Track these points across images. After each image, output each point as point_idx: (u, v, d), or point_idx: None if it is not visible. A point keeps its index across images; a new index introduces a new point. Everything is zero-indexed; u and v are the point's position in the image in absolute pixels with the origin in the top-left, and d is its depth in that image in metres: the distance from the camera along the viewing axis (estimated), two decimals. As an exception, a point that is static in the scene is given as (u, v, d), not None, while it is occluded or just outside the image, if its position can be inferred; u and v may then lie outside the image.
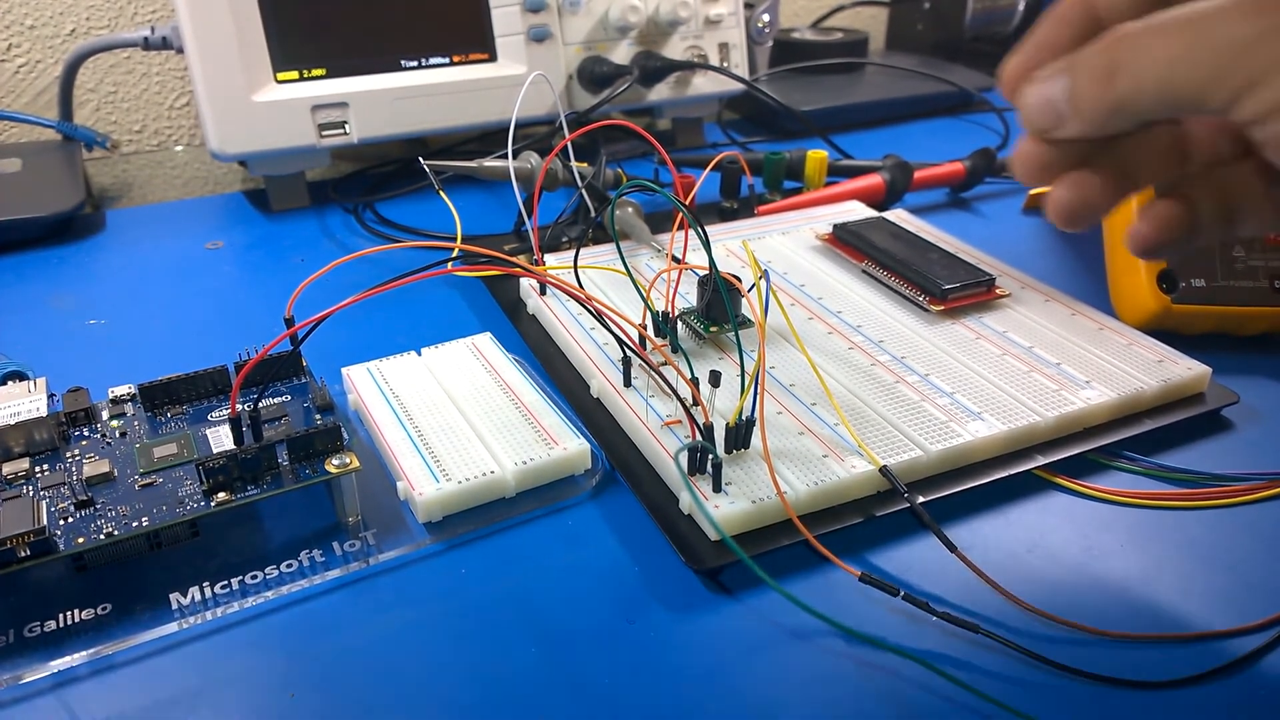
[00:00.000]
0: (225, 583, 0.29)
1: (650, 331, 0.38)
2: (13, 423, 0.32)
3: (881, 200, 0.57)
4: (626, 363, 0.37)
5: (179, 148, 0.73)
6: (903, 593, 0.29)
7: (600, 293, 0.44)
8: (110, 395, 0.34)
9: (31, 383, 0.35)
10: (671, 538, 0.31)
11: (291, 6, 0.53)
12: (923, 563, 0.31)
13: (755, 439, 0.33)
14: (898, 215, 0.52)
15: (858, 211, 0.54)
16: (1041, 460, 0.35)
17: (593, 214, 0.50)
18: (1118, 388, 0.37)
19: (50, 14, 0.66)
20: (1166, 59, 0.22)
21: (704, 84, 0.66)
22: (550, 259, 0.46)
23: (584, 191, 0.50)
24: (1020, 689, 0.27)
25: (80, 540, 0.28)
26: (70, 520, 0.29)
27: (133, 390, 0.35)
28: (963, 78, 0.80)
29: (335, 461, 0.31)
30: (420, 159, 0.48)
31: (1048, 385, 0.37)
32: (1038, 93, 0.24)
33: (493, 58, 0.59)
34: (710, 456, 0.31)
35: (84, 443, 0.32)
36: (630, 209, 0.50)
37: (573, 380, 0.39)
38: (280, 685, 0.26)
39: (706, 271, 0.39)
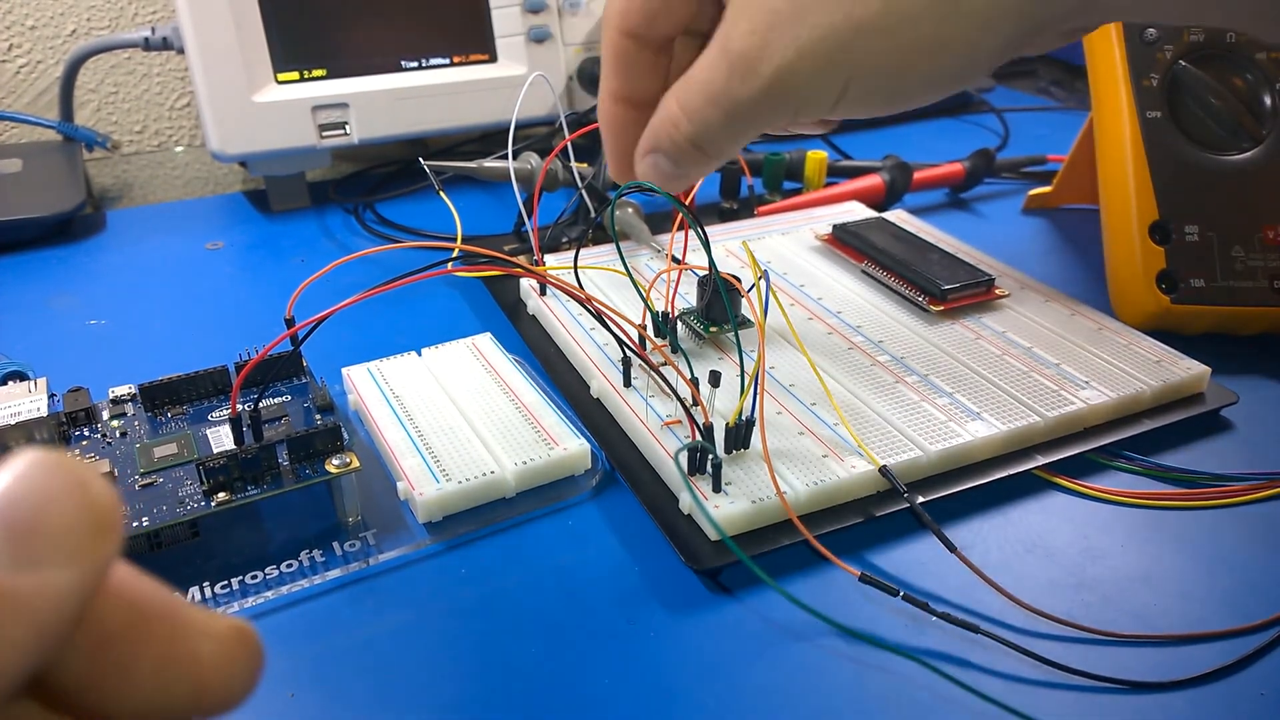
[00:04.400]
0: (225, 583, 0.29)
1: (650, 332, 0.38)
2: (13, 423, 0.32)
3: (881, 201, 0.57)
4: (626, 363, 0.37)
5: (179, 148, 0.73)
6: (902, 593, 0.29)
7: (600, 293, 0.44)
8: (110, 395, 0.34)
9: (32, 383, 0.35)
10: (671, 538, 0.31)
11: (292, 7, 0.53)
12: (922, 563, 0.31)
13: (755, 439, 0.33)
14: (897, 216, 0.52)
15: (857, 212, 0.54)
16: (1041, 460, 0.35)
17: (593, 214, 0.50)
18: (1117, 388, 0.37)
19: (51, 14, 0.66)
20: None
21: (704, 84, 0.65)
22: (550, 259, 0.46)
23: (584, 192, 0.50)
24: (1020, 689, 0.27)
25: (80, 540, 0.28)
26: (70, 520, 0.29)
27: (133, 390, 0.35)
28: (962, 78, 0.80)
29: (335, 461, 0.31)
30: (420, 159, 0.48)
31: (1047, 385, 0.37)
32: (651, 171, 0.27)
33: (493, 58, 0.59)
34: (710, 456, 0.31)
35: (84, 443, 0.32)
36: (630, 209, 0.50)
37: (573, 380, 0.39)
38: (280, 685, 0.26)
39: (706, 272, 0.39)
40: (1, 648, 0.11)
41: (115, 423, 0.33)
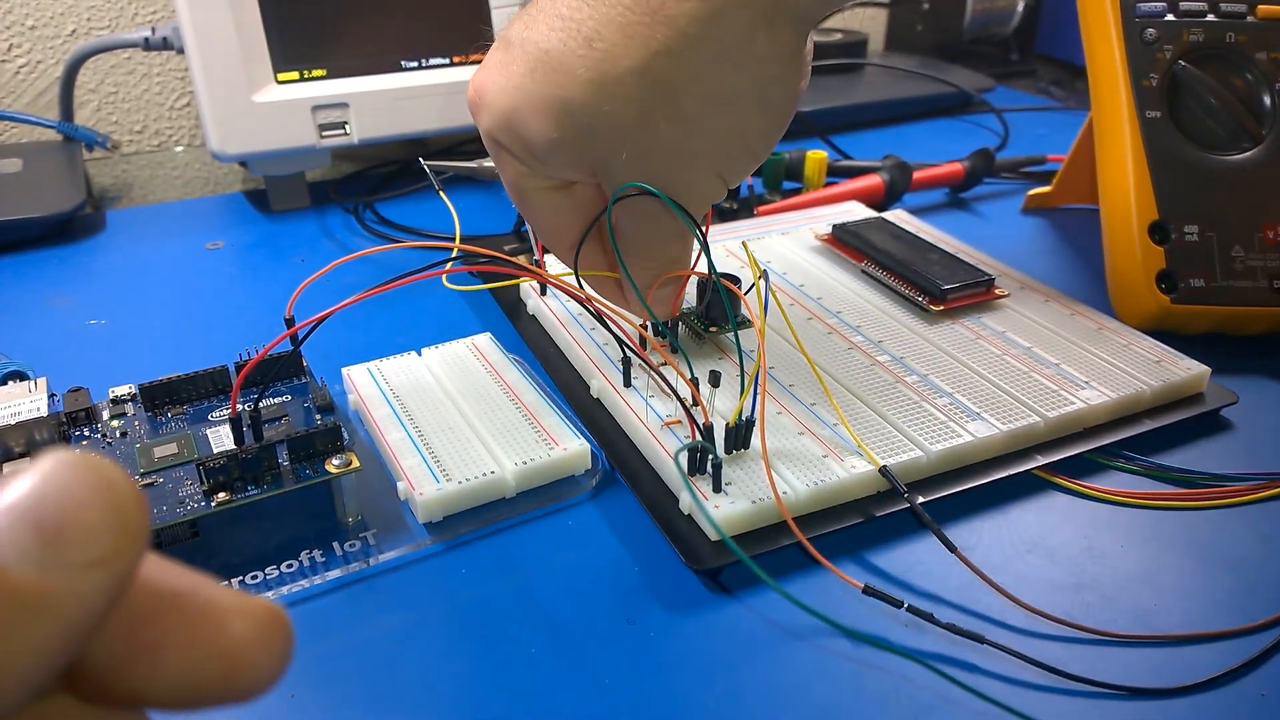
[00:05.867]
0: (225, 583, 0.29)
1: (650, 332, 0.38)
2: (13, 423, 0.32)
3: (881, 200, 0.57)
4: (626, 363, 0.37)
5: (179, 148, 0.73)
6: (907, 604, 0.29)
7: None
8: (111, 395, 0.34)
9: (32, 383, 0.35)
10: (671, 538, 0.31)
11: (292, 7, 0.53)
12: (923, 563, 0.31)
13: (755, 439, 0.33)
14: (897, 215, 0.52)
15: (857, 212, 0.54)
16: (1041, 460, 0.35)
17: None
18: (1117, 388, 0.37)
19: (51, 14, 0.67)
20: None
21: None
22: (550, 259, 0.46)
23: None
24: (1021, 690, 0.27)
25: (80, 540, 0.28)
26: (70, 520, 0.29)
27: (133, 390, 0.35)
28: (962, 78, 0.80)
29: (335, 461, 0.31)
30: (420, 159, 0.48)
31: (1047, 385, 0.37)
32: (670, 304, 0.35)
33: (493, 58, 0.59)
34: (710, 456, 0.31)
35: (84, 443, 0.32)
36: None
37: (573, 380, 0.39)
38: (280, 685, 0.26)
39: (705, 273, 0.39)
40: (32, 648, 0.11)
41: (115, 423, 0.33)
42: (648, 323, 0.37)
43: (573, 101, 0.28)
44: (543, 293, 0.44)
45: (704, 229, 0.36)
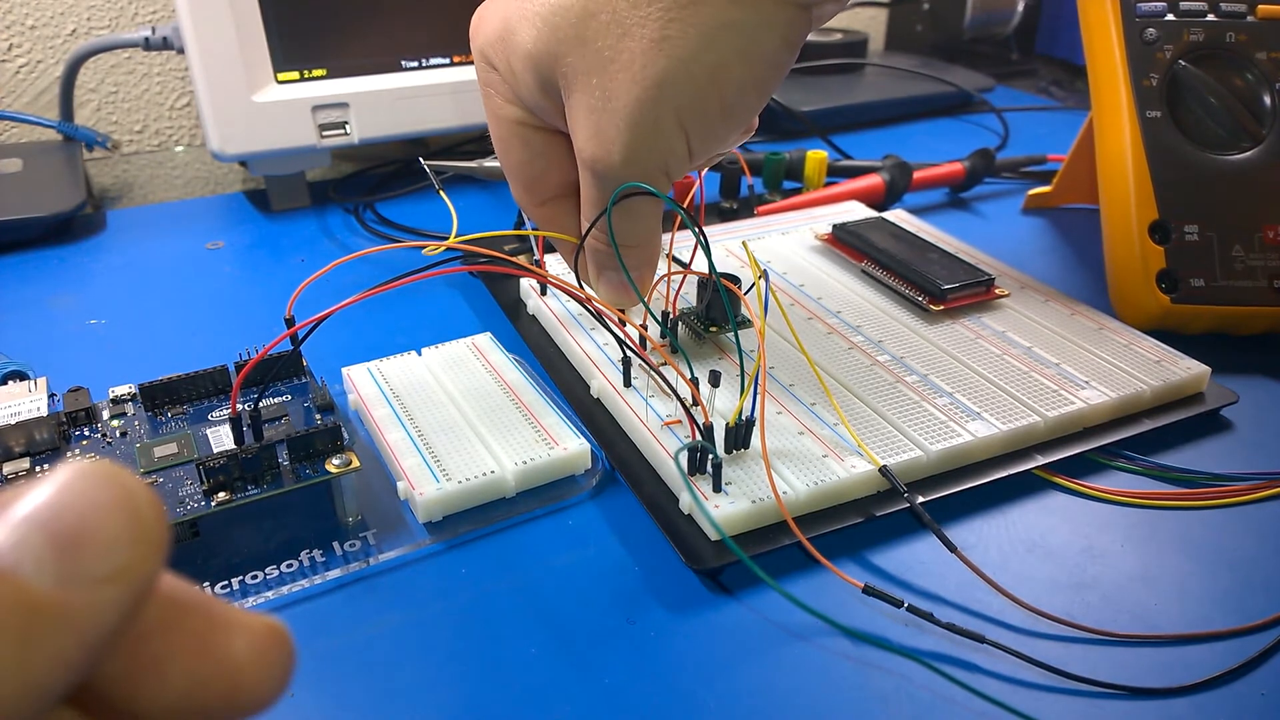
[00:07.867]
0: (225, 583, 0.29)
1: (650, 331, 0.38)
2: (13, 422, 0.32)
3: (881, 200, 0.57)
4: (626, 363, 0.37)
5: (179, 148, 0.73)
6: (907, 604, 0.29)
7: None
8: (111, 395, 0.34)
9: (32, 382, 0.35)
10: (671, 538, 0.31)
11: (292, 7, 0.53)
12: (923, 563, 0.31)
13: (755, 439, 0.33)
14: (897, 215, 0.52)
15: (857, 211, 0.54)
16: (1041, 460, 0.35)
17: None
18: (1117, 387, 0.37)
19: (51, 14, 0.67)
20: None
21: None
22: (550, 259, 0.46)
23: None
24: (1022, 690, 0.27)
25: (81, 540, 0.28)
26: (71, 520, 0.29)
27: (133, 390, 0.35)
28: (962, 78, 0.80)
29: (335, 461, 0.31)
30: (420, 159, 0.48)
31: (1047, 385, 0.37)
32: (609, 289, 0.34)
33: (493, 58, 0.59)
34: (710, 456, 0.31)
35: (84, 442, 0.32)
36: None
37: (573, 380, 0.40)
38: (280, 685, 0.26)
39: (706, 273, 0.39)
40: (47, 663, 0.11)
41: (115, 422, 0.33)
42: (648, 322, 0.37)
43: (561, 6, 0.28)
44: (543, 293, 0.44)
45: (702, 232, 0.36)
